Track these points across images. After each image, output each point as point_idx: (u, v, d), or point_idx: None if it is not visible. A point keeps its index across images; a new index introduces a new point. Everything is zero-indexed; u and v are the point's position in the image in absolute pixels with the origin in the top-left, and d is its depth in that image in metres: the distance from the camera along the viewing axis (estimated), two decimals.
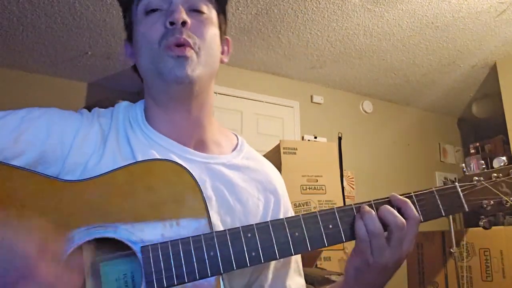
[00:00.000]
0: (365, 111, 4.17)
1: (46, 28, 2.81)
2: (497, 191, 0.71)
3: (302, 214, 0.64)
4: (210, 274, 0.57)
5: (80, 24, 2.77)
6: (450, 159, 4.58)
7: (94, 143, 0.72)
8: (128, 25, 0.81)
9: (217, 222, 0.69)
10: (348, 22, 2.87)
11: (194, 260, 0.58)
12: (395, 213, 0.64)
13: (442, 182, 4.33)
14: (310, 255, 2.58)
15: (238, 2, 2.62)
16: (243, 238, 0.60)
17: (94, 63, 3.34)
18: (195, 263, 0.57)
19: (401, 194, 0.69)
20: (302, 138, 3.70)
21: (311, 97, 3.89)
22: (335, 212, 0.65)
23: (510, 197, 0.71)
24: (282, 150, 2.62)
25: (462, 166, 0.78)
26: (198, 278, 0.57)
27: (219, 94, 3.35)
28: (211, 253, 0.58)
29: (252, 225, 0.62)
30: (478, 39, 3.10)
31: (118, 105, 0.82)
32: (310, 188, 2.62)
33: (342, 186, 2.95)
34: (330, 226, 0.64)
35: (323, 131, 3.82)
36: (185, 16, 0.72)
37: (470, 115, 4.43)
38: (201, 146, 0.79)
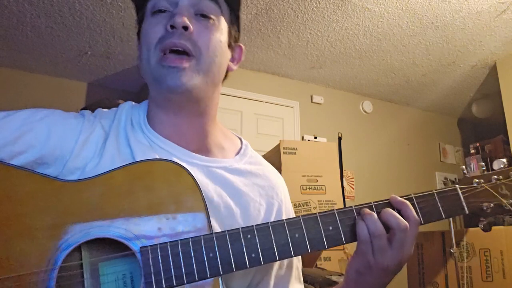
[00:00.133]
0: (365, 111, 4.16)
1: (46, 28, 2.81)
2: (496, 194, 0.71)
3: (302, 216, 0.64)
4: (209, 275, 0.57)
5: (80, 24, 2.77)
6: (450, 159, 4.57)
7: (95, 146, 0.71)
8: (139, 21, 0.80)
9: (217, 225, 0.69)
10: (348, 22, 2.87)
11: (193, 261, 0.57)
12: (397, 215, 0.64)
13: (442, 182, 4.33)
14: (310, 256, 2.58)
15: None
16: (243, 240, 0.60)
17: (94, 63, 3.34)
18: (194, 264, 0.57)
19: (401, 196, 0.68)
20: (302, 138, 3.69)
21: (311, 97, 3.89)
22: (335, 213, 0.65)
23: (510, 199, 0.70)
24: (282, 150, 2.62)
25: (463, 168, 0.77)
26: (197, 279, 0.57)
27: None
28: (211, 254, 0.58)
29: (251, 226, 0.61)
30: (478, 39, 3.10)
31: (122, 105, 0.81)
32: (310, 188, 2.62)
33: (342, 186, 2.95)
34: (330, 227, 0.64)
35: (323, 131, 3.81)
36: (187, 21, 0.70)
37: (470, 115, 4.43)
38: (203, 150, 0.79)
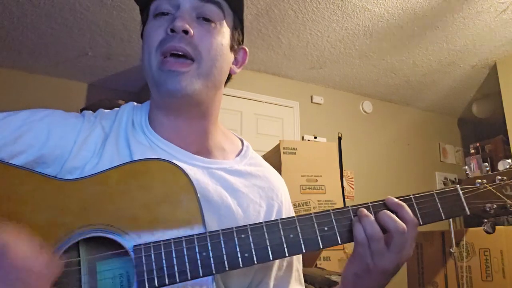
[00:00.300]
0: (365, 111, 4.16)
1: (47, 28, 2.81)
2: (500, 195, 0.69)
3: (297, 216, 0.64)
4: (202, 274, 0.57)
5: (80, 24, 2.78)
6: (450, 159, 4.57)
7: (94, 147, 0.71)
8: (142, 22, 0.81)
9: (217, 225, 0.68)
10: (348, 22, 2.87)
11: (186, 260, 0.57)
12: (395, 218, 0.63)
13: (442, 182, 4.33)
14: (310, 255, 2.58)
15: None
16: (236, 239, 0.60)
17: (95, 64, 3.34)
18: (187, 263, 0.57)
19: (400, 197, 0.67)
20: (302, 138, 3.69)
21: (311, 97, 3.89)
22: (331, 214, 0.64)
23: None
24: (282, 150, 2.62)
25: (465, 168, 0.76)
26: (189, 278, 0.57)
27: None
28: (204, 253, 0.58)
29: (245, 225, 0.61)
30: (478, 39, 3.09)
31: (124, 106, 0.82)
32: (309, 188, 2.62)
33: (342, 186, 2.95)
34: (325, 228, 0.63)
35: (323, 131, 3.81)
36: (186, 25, 0.70)
37: (470, 115, 4.42)
38: (204, 152, 0.79)
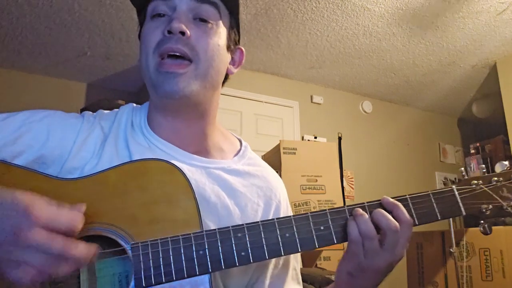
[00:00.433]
0: (364, 111, 4.16)
1: (45, 28, 2.81)
2: (496, 196, 0.69)
3: (294, 215, 0.64)
4: (198, 272, 0.57)
5: (79, 24, 2.78)
6: (450, 159, 4.57)
7: (93, 147, 0.72)
8: (140, 23, 0.81)
9: (214, 225, 0.69)
10: (348, 22, 2.87)
11: (183, 258, 0.58)
12: (388, 216, 0.63)
13: (442, 182, 4.32)
14: (309, 255, 2.58)
15: None
16: (233, 238, 0.60)
17: (93, 64, 3.34)
18: (184, 261, 0.58)
19: (397, 197, 0.67)
20: (302, 138, 3.69)
21: (311, 97, 3.89)
22: (327, 213, 0.65)
23: (511, 201, 0.69)
24: (282, 150, 2.62)
25: (461, 170, 0.76)
26: (186, 276, 0.57)
27: None
28: (200, 251, 0.58)
29: (242, 224, 0.62)
30: (478, 39, 3.09)
31: (123, 107, 0.82)
32: (309, 188, 2.62)
33: (342, 186, 2.95)
34: (321, 227, 0.64)
35: (323, 131, 3.82)
36: (183, 26, 0.70)
37: (470, 115, 4.42)
38: (202, 152, 0.79)
